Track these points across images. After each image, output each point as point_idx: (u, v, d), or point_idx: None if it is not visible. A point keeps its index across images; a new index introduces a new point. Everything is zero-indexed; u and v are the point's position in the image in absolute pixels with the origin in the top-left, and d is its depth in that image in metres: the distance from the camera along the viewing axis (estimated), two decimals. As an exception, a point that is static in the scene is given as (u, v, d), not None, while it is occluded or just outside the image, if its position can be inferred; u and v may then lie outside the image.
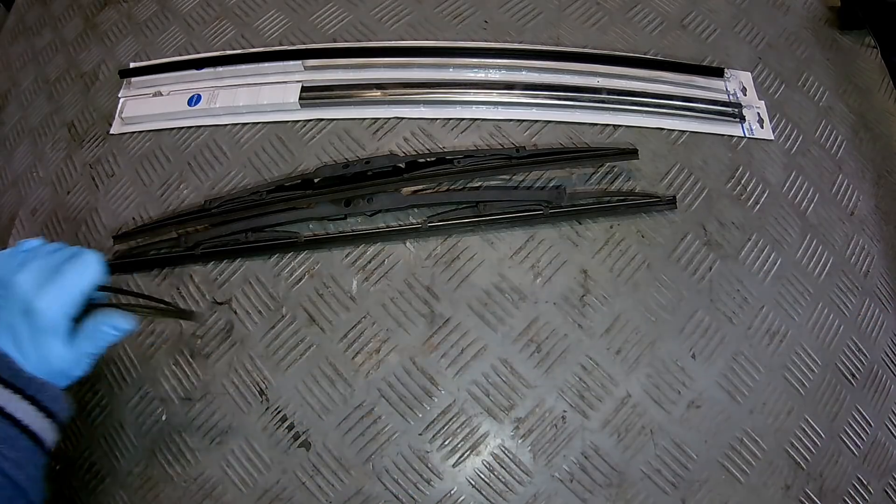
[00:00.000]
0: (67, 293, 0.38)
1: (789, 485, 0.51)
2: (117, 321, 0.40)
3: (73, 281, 0.38)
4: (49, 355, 0.38)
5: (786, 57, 0.69)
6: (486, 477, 0.51)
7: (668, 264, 0.57)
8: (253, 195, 0.58)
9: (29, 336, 0.37)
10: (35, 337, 0.37)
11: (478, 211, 0.57)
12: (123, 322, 0.40)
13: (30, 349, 0.37)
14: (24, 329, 0.37)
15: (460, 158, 0.58)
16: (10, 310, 0.37)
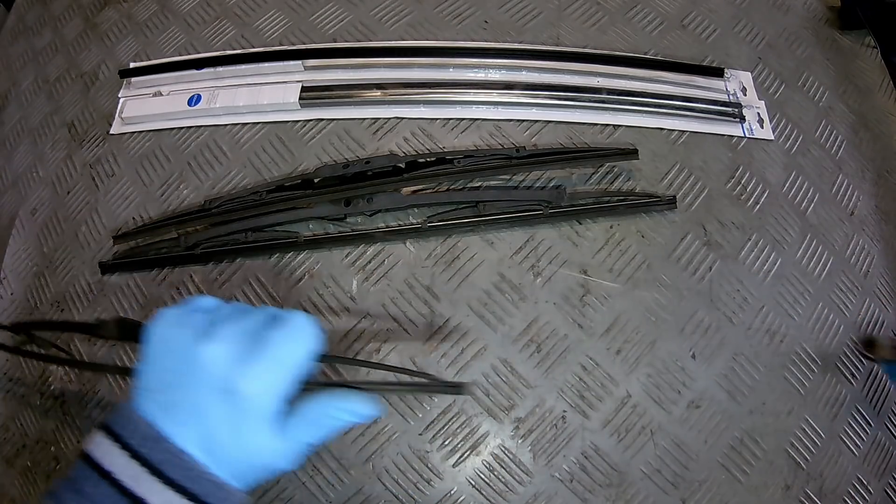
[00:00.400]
0: (282, 368, 0.30)
1: (789, 485, 0.51)
2: (357, 406, 0.32)
3: (286, 352, 0.30)
4: (250, 447, 0.30)
5: (786, 57, 0.69)
6: (486, 477, 0.51)
7: (668, 264, 0.57)
8: (253, 195, 0.58)
9: (225, 424, 0.29)
10: (234, 425, 0.29)
11: (478, 211, 0.57)
12: (366, 407, 0.32)
13: (224, 441, 0.29)
14: (218, 415, 0.29)
15: (460, 158, 0.58)
16: (196, 391, 0.29)
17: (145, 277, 0.60)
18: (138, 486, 0.27)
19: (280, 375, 0.30)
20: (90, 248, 0.62)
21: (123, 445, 0.28)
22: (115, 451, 0.28)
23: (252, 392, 0.29)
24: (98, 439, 0.29)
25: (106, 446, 0.29)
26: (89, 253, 0.62)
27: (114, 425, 0.29)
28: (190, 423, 0.29)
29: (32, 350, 0.48)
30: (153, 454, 0.28)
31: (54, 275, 0.62)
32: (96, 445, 0.29)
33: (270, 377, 0.30)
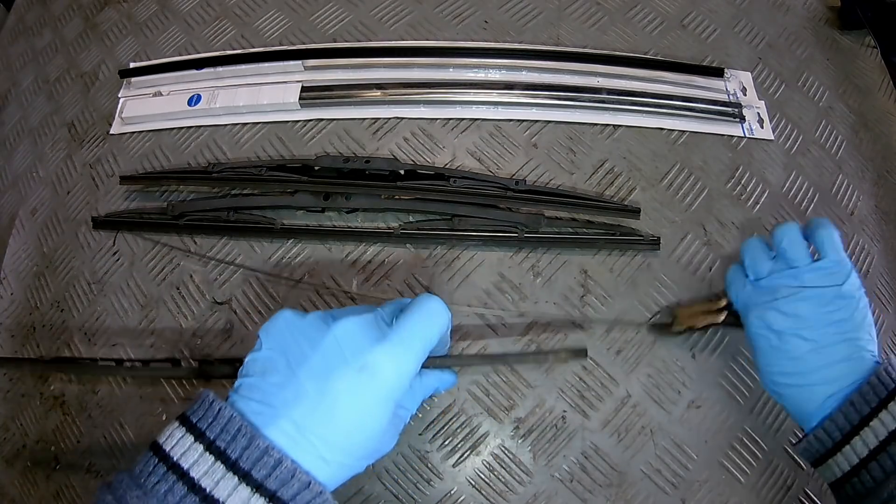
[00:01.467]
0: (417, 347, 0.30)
1: (789, 485, 0.51)
2: (447, 377, 0.34)
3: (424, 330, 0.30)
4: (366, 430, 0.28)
5: (786, 57, 0.69)
6: (486, 477, 0.51)
7: (668, 264, 0.57)
8: (255, 168, 0.59)
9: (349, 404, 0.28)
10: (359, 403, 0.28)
11: (452, 225, 0.57)
12: (452, 377, 0.35)
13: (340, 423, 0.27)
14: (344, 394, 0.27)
15: (457, 178, 0.58)
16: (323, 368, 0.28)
17: (145, 278, 0.60)
18: (211, 482, 0.25)
19: (414, 353, 0.30)
20: (90, 248, 0.62)
21: (199, 436, 0.26)
22: (189, 442, 0.26)
23: (388, 366, 0.28)
24: (173, 430, 0.27)
25: (179, 436, 0.26)
26: (89, 253, 0.62)
27: (192, 416, 0.27)
28: (305, 400, 0.27)
29: None
30: (233, 447, 0.26)
31: (54, 275, 0.62)
32: (170, 436, 0.27)
33: (407, 354, 0.29)
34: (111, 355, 0.57)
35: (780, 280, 0.42)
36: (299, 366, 0.28)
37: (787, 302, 0.41)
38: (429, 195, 0.57)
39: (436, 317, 0.32)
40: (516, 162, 0.62)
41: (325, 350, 0.28)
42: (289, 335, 0.30)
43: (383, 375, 0.28)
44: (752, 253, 0.45)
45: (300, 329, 0.30)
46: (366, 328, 0.29)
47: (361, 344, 0.28)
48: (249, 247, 0.59)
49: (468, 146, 0.62)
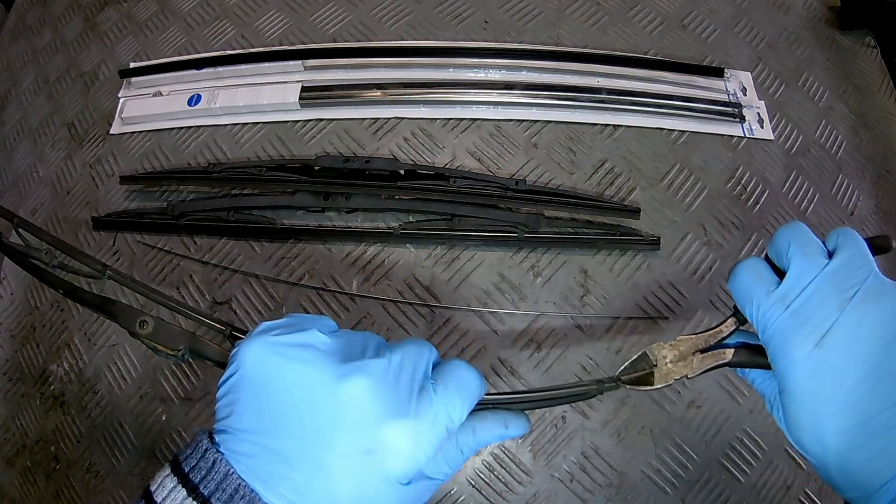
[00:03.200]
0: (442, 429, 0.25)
1: (789, 485, 0.51)
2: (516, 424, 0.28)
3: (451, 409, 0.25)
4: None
5: (786, 57, 0.69)
6: (486, 477, 0.51)
7: (668, 264, 0.57)
8: (255, 168, 0.59)
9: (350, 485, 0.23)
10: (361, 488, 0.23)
11: (452, 225, 0.57)
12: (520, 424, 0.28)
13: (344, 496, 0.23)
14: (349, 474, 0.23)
15: (457, 178, 0.58)
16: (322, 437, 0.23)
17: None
18: None
19: (439, 431, 0.25)
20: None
21: (193, 490, 0.23)
22: (181, 496, 0.23)
23: (404, 450, 0.23)
24: (164, 479, 0.24)
25: (171, 487, 0.24)
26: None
27: (186, 465, 0.24)
28: (297, 476, 0.23)
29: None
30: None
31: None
32: (161, 486, 0.24)
33: (430, 434, 0.24)
34: (111, 356, 0.57)
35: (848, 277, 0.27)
36: (290, 429, 0.23)
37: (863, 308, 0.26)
38: (429, 195, 0.57)
39: (471, 384, 0.27)
40: (516, 162, 0.62)
41: (325, 420, 0.23)
42: (277, 385, 0.24)
43: (395, 460, 0.24)
44: (801, 238, 0.29)
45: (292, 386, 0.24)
46: (381, 395, 0.24)
47: (371, 419, 0.23)
48: (249, 247, 0.59)
49: (468, 146, 0.62)
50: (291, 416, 0.23)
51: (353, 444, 0.23)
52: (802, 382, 0.27)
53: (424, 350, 0.28)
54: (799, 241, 0.29)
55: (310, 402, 0.23)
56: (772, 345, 0.28)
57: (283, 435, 0.23)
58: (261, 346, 0.24)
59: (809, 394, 0.27)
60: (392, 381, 0.25)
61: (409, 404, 0.24)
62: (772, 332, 0.28)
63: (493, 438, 0.28)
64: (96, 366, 0.57)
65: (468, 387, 0.27)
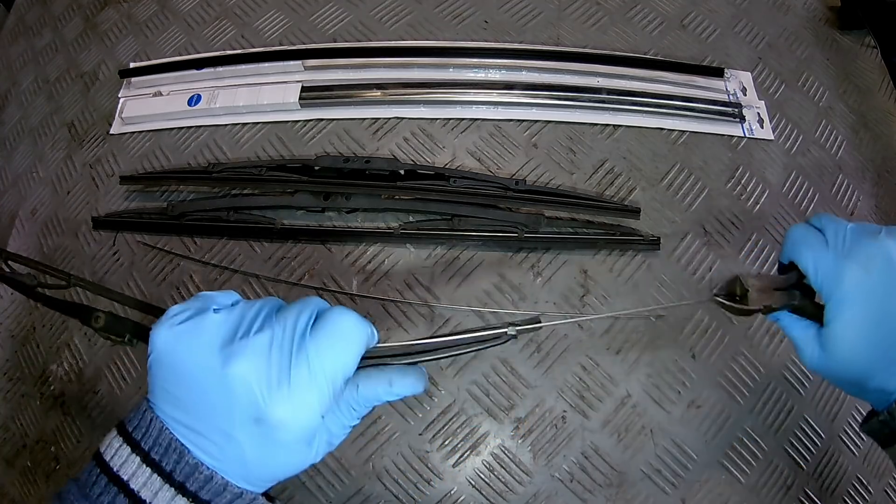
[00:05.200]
0: (325, 387, 0.27)
1: (789, 485, 0.51)
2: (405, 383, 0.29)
3: (331, 366, 0.27)
4: (280, 466, 0.28)
5: (786, 57, 0.69)
6: (486, 477, 0.51)
7: (668, 264, 0.57)
8: (255, 168, 0.59)
9: (256, 450, 0.27)
10: (265, 451, 0.27)
11: (452, 225, 0.57)
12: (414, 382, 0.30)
13: (253, 464, 0.27)
14: (249, 441, 0.26)
15: (457, 178, 0.58)
16: (225, 415, 0.26)
17: (145, 278, 0.60)
18: (150, 494, 0.26)
19: (323, 391, 0.27)
20: (90, 248, 0.62)
21: (136, 447, 0.27)
22: (126, 453, 0.27)
23: (288, 418, 0.26)
24: (112, 440, 0.28)
25: (117, 447, 0.27)
26: (89, 253, 0.62)
27: (129, 425, 0.27)
28: (213, 444, 0.27)
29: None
30: (167, 462, 0.26)
31: (54, 275, 0.62)
32: (109, 446, 0.27)
33: (310, 396, 0.26)
34: (111, 356, 0.57)
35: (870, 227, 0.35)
36: (197, 400, 0.27)
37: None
38: (429, 195, 0.57)
39: (350, 339, 0.28)
40: (516, 162, 0.62)
41: (221, 399, 0.26)
42: (182, 364, 0.27)
43: (283, 426, 0.26)
44: (826, 216, 0.37)
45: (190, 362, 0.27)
46: (262, 371, 0.26)
47: (256, 395, 0.26)
48: (249, 247, 0.59)
49: (468, 146, 0.62)
50: (192, 395, 0.27)
51: (245, 416, 0.26)
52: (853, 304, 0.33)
53: (305, 310, 0.29)
54: (824, 217, 0.37)
55: (203, 383, 0.26)
56: (826, 282, 0.34)
57: (188, 411, 0.27)
58: (164, 332, 0.28)
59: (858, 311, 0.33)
60: (274, 353, 0.26)
61: (287, 374, 0.26)
62: (825, 271, 0.34)
63: (378, 398, 0.30)
64: (96, 366, 0.57)
65: (346, 342, 0.28)
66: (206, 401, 0.27)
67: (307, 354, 0.27)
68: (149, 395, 0.28)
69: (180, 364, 0.27)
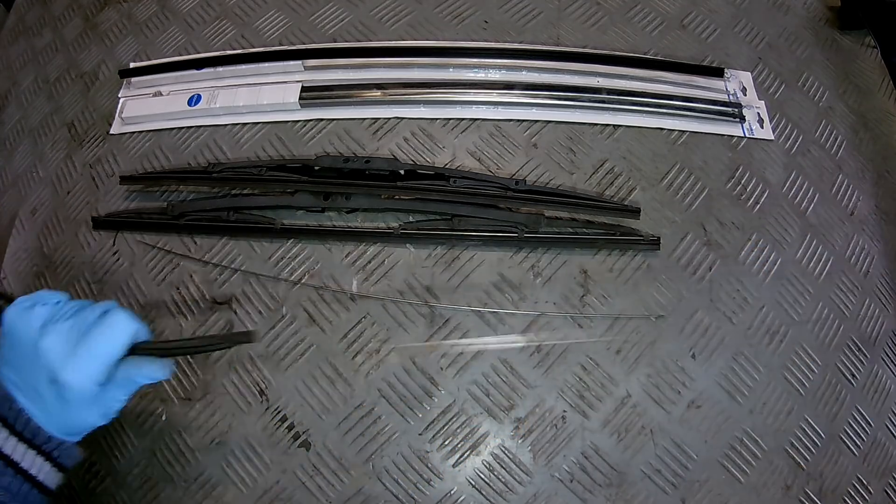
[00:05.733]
0: (97, 362, 0.37)
1: (789, 485, 0.51)
2: (151, 370, 0.39)
3: (102, 348, 0.37)
4: (74, 420, 0.38)
5: (786, 57, 0.69)
6: (486, 477, 0.51)
7: (669, 264, 0.57)
8: (255, 168, 0.59)
9: (54, 403, 0.37)
10: (61, 405, 0.37)
11: (452, 225, 0.57)
12: (158, 370, 0.39)
13: (55, 414, 0.37)
14: (49, 396, 0.36)
15: (457, 178, 0.58)
16: (35, 375, 0.37)
17: (145, 278, 0.60)
18: None
19: (96, 368, 0.37)
20: (90, 248, 0.62)
21: None
22: None
23: (71, 383, 0.36)
24: None
25: None
26: (89, 253, 0.62)
27: None
28: (31, 397, 0.37)
29: None
30: (2, 408, 0.36)
31: (54, 275, 0.62)
32: None
33: (88, 370, 0.36)
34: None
35: None
36: (22, 368, 0.37)
37: None
38: (429, 195, 0.57)
39: (118, 331, 0.38)
40: (516, 162, 0.62)
41: (34, 362, 0.36)
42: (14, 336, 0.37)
43: (68, 386, 0.36)
44: None
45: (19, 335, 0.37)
46: (61, 343, 0.36)
47: (53, 362, 0.36)
48: (249, 247, 0.59)
49: (468, 146, 0.62)
50: (19, 359, 0.37)
51: (46, 377, 0.36)
52: None
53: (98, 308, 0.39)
54: None
55: (26, 350, 0.37)
56: None
57: (16, 371, 0.37)
58: (11, 312, 0.38)
59: None
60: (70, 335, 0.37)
61: (74, 351, 0.37)
62: None
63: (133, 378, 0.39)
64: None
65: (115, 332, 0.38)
66: (26, 364, 0.37)
67: (89, 339, 0.37)
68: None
69: (16, 336, 0.37)
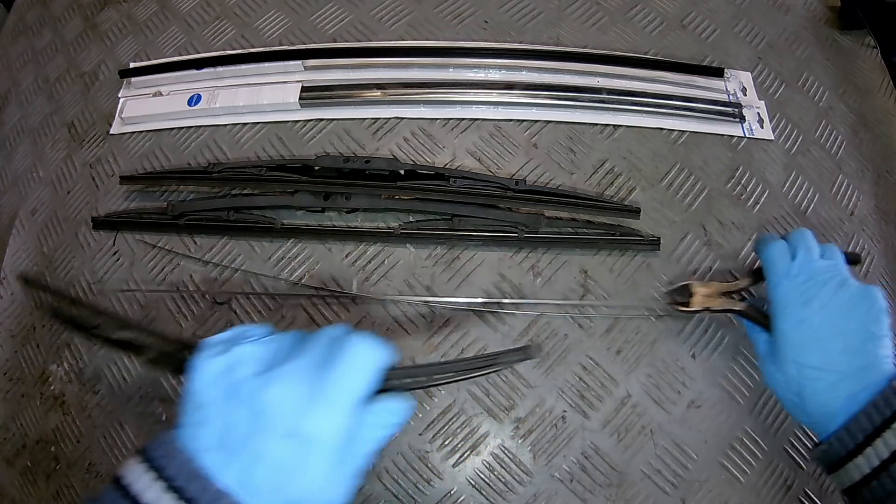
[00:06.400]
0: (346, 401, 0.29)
1: (789, 485, 0.51)
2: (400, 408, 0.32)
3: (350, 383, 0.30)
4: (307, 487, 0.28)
5: (786, 57, 0.69)
6: (486, 477, 0.51)
7: (669, 264, 0.57)
8: (255, 168, 0.59)
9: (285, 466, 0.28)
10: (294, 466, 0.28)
11: (452, 225, 0.57)
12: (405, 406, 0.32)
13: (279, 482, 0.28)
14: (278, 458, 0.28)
15: (457, 178, 0.58)
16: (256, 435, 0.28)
17: (145, 278, 0.60)
18: None
19: (341, 409, 0.29)
20: (90, 248, 0.62)
21: (159, 475, 0.27)
22: (148, 480, 0.27)
23: (318, 432, 0.28)
24: (133, 465, 0.28)
25: (139, 473, 0.28)
26: (89, 253, 0.62)
27: (151, 452, 0.28)
28: (240, 468, 0.28)
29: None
30: (189, 489, 0.27)
31: (54, 275, 0.62)
32: (129, 471, 0.28)
33: (336, 413, 0.29)
34: (111, 356, 0.57)
35: (833, 272, 0.42)
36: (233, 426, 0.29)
37: (839, 293, 0.41)
38: (429, 195, 0.57)
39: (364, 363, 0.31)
40: (516, 162, 0.62)
41: (257, 418, 0.29)
42: (220, 391, 0.29)
43: (313, 436, 0.28)
44: (808, 241, 0.45)
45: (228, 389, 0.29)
46: (294, 389, 0.29)
47: (289, 412, 0.28)
48: (249, 247, 0.59)
49: (468, 146, 0.62)
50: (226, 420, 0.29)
51: (277, 433, 0.28)
52: (790, 329, 0.42)
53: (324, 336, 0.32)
54: (805, 241, 0.45)
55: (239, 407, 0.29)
56: (776, 302, 0.43)
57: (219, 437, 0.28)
58: (202, 363, 0.30)
59: (793, 337, 0.42)
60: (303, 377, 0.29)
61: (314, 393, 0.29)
62: (779, 292, 0.43)
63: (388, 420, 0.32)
64: (96, 366, 0.57)
65: (360, 364, 0.31)
66: (240, 423, 0.28)
67: (329, 377, 0.30)
68: (179, 424, 0.30)
69: (219, 390, 0.29)
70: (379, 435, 0.31)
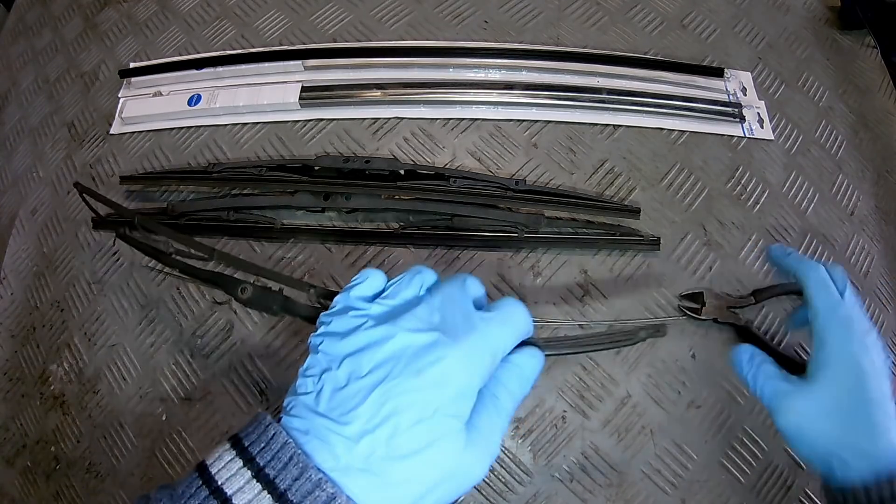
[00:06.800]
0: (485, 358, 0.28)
1: (789, 485, 0.51)
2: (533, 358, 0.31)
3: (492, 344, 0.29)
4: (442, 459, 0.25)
5: (786, 57, 0.69)
6: (486, 477, 0.51)
7: (668, 264, 0.57)
8: (255, 168, 0.59)
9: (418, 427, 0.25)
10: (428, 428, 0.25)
11: (452, 225, 0.57)
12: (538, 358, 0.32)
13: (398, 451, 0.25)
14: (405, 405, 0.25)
15: (457, 178, 0.58)
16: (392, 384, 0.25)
17: (145, 278, 0.60)
18: None
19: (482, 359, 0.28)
20: (90, 248, 0.62)
21: (249, 461, 0.24)
22: (236, 467, 0.24)
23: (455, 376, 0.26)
24: (222, 452, 0.25)
25: (228, 459, 0.25)
26: (89, 253, 0.62)
27: (245, 438, 0.25)
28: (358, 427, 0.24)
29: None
30: (284, 478, 0.24)
31: (54, 275, 0.62)
32: (218, 458, 0.25)
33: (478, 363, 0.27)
34: (111, 356, 0.57)
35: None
36: (357, 378, 0.26)
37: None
38: (429, 195, 0.57)
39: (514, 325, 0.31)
40: (516, 162, 0.62)
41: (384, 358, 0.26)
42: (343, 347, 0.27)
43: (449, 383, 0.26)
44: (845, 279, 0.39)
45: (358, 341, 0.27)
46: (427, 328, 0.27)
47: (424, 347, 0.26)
48: (249, 247, 0.59)
49: (468, 146, 0.62)
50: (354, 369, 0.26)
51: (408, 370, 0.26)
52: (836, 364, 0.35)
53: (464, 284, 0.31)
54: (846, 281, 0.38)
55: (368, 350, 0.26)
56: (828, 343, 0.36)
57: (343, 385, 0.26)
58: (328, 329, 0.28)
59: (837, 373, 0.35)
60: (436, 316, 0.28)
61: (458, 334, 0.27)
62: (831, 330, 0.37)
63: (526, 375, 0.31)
64: (96, 366, 0.57)
65: (511, 325, 0.30)
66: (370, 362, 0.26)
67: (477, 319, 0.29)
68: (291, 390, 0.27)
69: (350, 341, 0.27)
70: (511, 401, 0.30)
